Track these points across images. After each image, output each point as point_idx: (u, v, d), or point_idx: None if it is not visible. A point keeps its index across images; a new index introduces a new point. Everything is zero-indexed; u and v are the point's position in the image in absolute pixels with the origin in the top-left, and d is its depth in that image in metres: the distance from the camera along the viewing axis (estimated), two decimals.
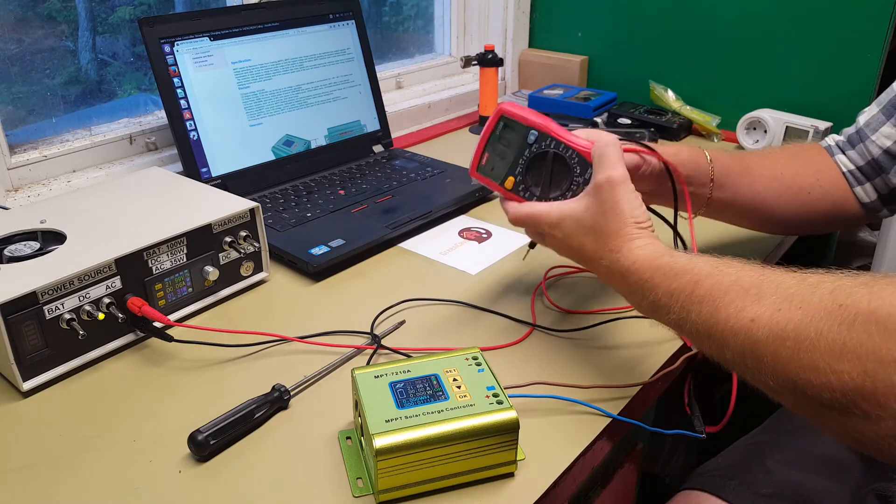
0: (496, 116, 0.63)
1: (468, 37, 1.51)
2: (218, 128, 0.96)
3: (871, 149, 0.76)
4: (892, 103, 0.75)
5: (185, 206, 0.76)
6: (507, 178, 0.63)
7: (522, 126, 0.62)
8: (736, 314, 0.48)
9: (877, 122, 0.76)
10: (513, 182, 0.63)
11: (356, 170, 1.06)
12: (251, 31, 0.99)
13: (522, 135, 0.62)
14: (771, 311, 0.46)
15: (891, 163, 0.75)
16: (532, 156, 0.62)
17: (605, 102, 1.33)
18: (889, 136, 0.75)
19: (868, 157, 0.77)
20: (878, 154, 0.76)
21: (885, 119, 0.76)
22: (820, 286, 0.45)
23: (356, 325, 0.71)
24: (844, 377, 0.40)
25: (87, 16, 1.00)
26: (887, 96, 0.77)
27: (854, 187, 0.79)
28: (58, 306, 0.61)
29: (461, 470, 0.51)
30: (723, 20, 1.26)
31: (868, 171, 0.78)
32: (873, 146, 0.76)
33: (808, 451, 0.70)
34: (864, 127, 0.78)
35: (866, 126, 0.78)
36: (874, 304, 0.41)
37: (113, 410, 0.60)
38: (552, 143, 0.61)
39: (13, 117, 0.94)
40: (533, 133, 0.61)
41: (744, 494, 0.65)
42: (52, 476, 0.53)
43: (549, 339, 0.70)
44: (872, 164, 0.77)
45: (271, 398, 0.59)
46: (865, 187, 0.78)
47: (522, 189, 0.64)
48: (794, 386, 0.43)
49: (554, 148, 0.61)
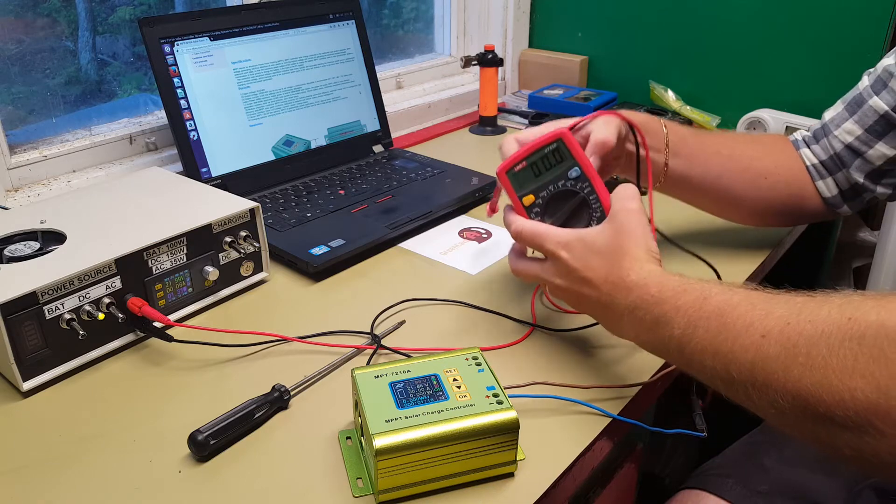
0: (555, 136, 0.63)
1: (468, 37, 1.51)
2: (218, 128, 0.96)
3: (834, 143, 0.78)
4: (855, 101, 0.77)
5: (185, 206, 0.76)
6: (529, 194, 0.63)
7: (572, 159, 0.63)
8: (746, 330, 0.47)
9: (840, 118, 0.78)
10: (531, 201, 0.63)
11: (356, 170, 1.06)
12: (251, 31, 0.99)
13: (568, 166, 0.63)
14: (781, 326, 0.45)
15: (852, 158, 0.76)
16: (564, 189, 0.63)
17: (605, 102, 1.33)
18: (850, 132, 0.76)
19: (831, 151, 0.78)
20: (840, 149, 0.77)
21: (847, 115, 0.77)
22: (828, 301, 0.44)
23: (356, 325, 0.71)
24: (857, 394, 0.39)
25: (87, 16, 1.00)
26: (851, 94, 0.78)
27: (816, 181, 0.80)
28: (58, 306, 0.61)
29: (461, 470, 0.51)
30: (723, 20, 1.26)
31: (830, 165, 0.79)
32: (836, 141, 0.77)
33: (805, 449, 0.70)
34: (829, 123, 0.79)
35: (830, 122, 0.79)
36: (883, 317, 0.40)
37: (113, 410, 0.60)
38: (587, 189, 0.62)
39: (13, 117, 0.94)
40: (577, 170, 0.62)
41: (741, 493, 0.65)
42: (52, 476, 0.53)
43: (549, 339, 0.70)
44: (835, 158, 0.78)
45: (271, 398, 0.59)
46: (827, 181, 0.79)
47: (537, 212, 0.64)
48: (805, 404, 0.42)
49: (587, 193, 0.62)
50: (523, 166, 0.63)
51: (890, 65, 0.73)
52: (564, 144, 0.63)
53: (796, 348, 0.43)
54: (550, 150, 0.63)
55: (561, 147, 0.63)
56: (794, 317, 0.45)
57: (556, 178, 0.63)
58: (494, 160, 1.17)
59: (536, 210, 0.64)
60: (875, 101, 0.74)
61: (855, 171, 0.76)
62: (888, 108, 0.72)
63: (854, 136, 0.76)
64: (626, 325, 0.57)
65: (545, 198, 0.63)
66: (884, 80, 0.73)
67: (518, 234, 0.64)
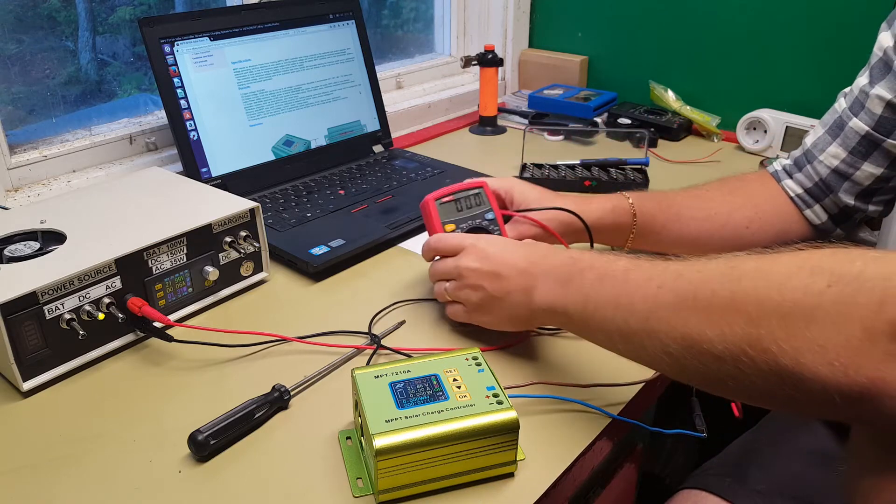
0: (478, 184, 0.75)
1: (468, 37, 1.51)
2: (218, 128, 0.96)
3: (819, 169, 0.77)
4: (836, 124, 0.77)
5: (185, 206, 0.76)
6: (450, 223, 0.73)
7: (489, 205, 0.75)
8: (646, 283, 0.51)
9: (823, 142, 0.78)
10: (452, 229, 0.72)
11: (356, 170, 1.06)
12: (251, 31, 0.99)
13: (485, 209, 0.74)
14: (675, 277, 0.50)
15: (839, 182, 0.76)
16: (479, 226, 0.73)
17: (605, 102, 1.33)
18: (835, 156, 0.76)
19: (816, 178, 0.78)
20: (826, 174, 0.77)
21: (830, 139, 0.77)
22: (717, 257, 0.49)
23: (356, 325, 0.71)
24: (735, 327, 0.44)
25: (87, 16, 1.00)
26: (831, 117, 0.78)
27: (804, 210, 0.80)
28: (58, 306, 0.61)
29: (461, 470, 0.51)
30: (723, 20, 1.26)
31: (816, 192, 0.79)
32: (821, 166, 0.77)
33: (802, 447, 0.70)
34: (812, 148, 0.79)
35: (813, 147, 0.79)
36: (760, 263, 0.45)
37: (113, 410, 0.60)
38: (497, 231, 0.74)
39: (13, 117, 0.94)
40: (491, 213, 0.74)
41: (740, 491, 0.65)
42: (52, 476, 0.53)
43: (548, 339, 0.70)
44: (820, 185, 0.78)
45: (271, 398, 0.59)
46: (815, 209, 0.79)
47: None
48: (692, 343, 0.46)
49: (496, 232, 0.74)
50: (450, 199, 0.73)
51: (864, 85, 0.74)
52: (484, 192, 0.75)
53: (685, 293, 0.48)
54: (473, 193, 0.74)
55: (482, 193, 0.74)
56: (686, 269, 0.50)
57: (475, 216, 0.74)
58: (495, 160, 1.18)
59: None
60: (855, 123, 0.74)
61: (844, 195, 0.76)
62: (868, 129, 0.73)
63: (839, 160, 0.76)
64: (538, 289, 0.60)
65: (463, 230, 0.72)
66: (861, 101, 0.74)
67: (437, 240, 0.69)
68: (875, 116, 0.72)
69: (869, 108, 0.73)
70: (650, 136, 1.22)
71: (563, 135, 1.29)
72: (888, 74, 0.71)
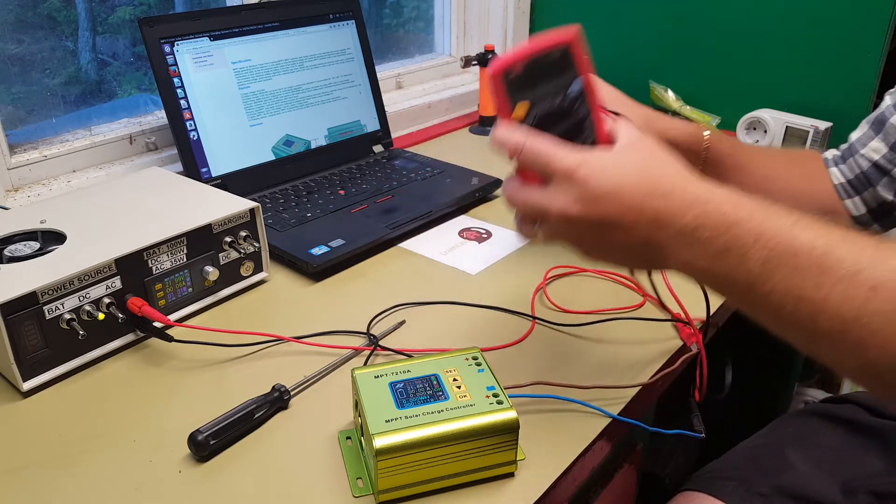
0: (565, 39, 0.51)
1: (468, 37, 1.51)
2: (218, 128, 0.96)
3: (861, 162, 0.79)
4: (878, 120, 0.78)
5: (185, 206, 0.76)
6: (521, 104, 0.50)
7: (575, 72, 0.51)
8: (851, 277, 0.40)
9: (866, 137, 0.79)
10: (525, 109, 0.50)
11: (356, 170, 1.06)
12: (251, 31, 0.99)
13: (569, 80, 0.51)
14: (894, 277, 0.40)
15: (879, 176, 0.77)
16: (558, 107, 0.51)
17: None
18: (877, 150, 0.77)
19: (857, 170, 0.79)
20: (867, 167, 0.78)
21: (873, 134, 0.78)
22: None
23: (356, 326, 0.71)
24: None
25: (87, 16, 1.00)
26: (875, 114, 0.79)
27: (844, 199, 0.80)
28: (58, 306, 0.61)
29: (461, 470, 0.51)
30: (723, 20, 1.26)
31: (857, 184, 0.79)
32: (863, 160, 0.78)
33: (809, 453, 0.70)
34: (855, 143, 0.80)
35: (857, 141, 0.80)
36: None
37: (113, 410, 0.60)
38: (584, 113, 0.51)
39: (13, 117, 0.94)
40: (578, 83, 0.51)
41: (742, 495, 0.65)
42: (51, 476, 0.53)
43: (549, 340, 0.70)
44: (861, 177, 0.79)
45: (271, 398, 0.59)
46: (855, 200, 0.80)
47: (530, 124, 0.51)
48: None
49: (582, 118, 0.51)
50: (520, 72, 0.50)
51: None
52: (571, 51, 0.51)
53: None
54: (556, 55, 0.51)
55: (567, 54, 0.51)
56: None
57: (555, 90, 0.51)
58: (495, 160, 1.18)
59: (530, 122, 0.51)
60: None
61: (882, 189, 0.77)
62: None
63: (880, 155, 0.77)
64: (679, 252, 0.47)
65: (538, 113, 0.51)
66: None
67: (517, 148, 0.50)
68: None
69: None
70: None
71: None
72: None
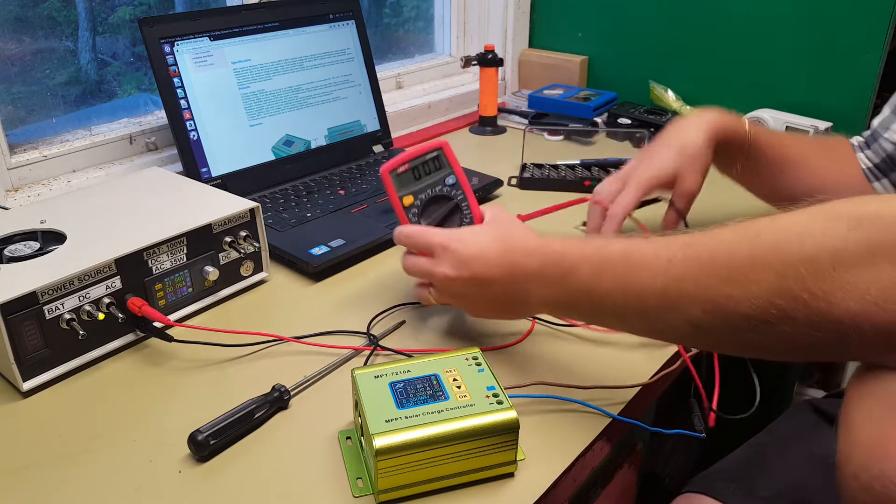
0: (436, 146, 0.68)
1: (468, 37, 1.51)
2: (218, 128, 0.96)
3: (885, 145, 0.81)
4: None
5: (185, 206, 0.76)
6: (409, 195, 0.67)
7: (449, 167, 0.68)
8: (652, 260, 0.50)
9: (888, 121, 0.81)
10: (410, 202, 0.67)
11: (356, 170, 1.06)
12: (251, 31, 0.99)
13: (445, 174, 0.68)
14: (684, 247, 0.49)
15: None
16: (439, 194, 0.67)
17: (605, 102, 1.33)
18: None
19: (882, 153, 0.81)
20: (892, 149, 0.80)
21: (895, 118, 0.80)
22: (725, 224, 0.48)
23: (356, 325, 0.71)
24: (762, 283, 0.44)
25: (87, 16, 1.00)
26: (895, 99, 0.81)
27: (873, 183, 0.83)
28: (58, 306, 0.61)
29: (461, 470, 0.51)
30: (723, 20, 1.26)
31: (884, 167, 0.82)
32: (887, 143, 0.80)
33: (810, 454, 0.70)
34: (878, 127, 0.82)
35: (879, 126, 0.82)
36: (774, 219, 0.46)
37: (113, 410, 0.60)
38: (461, 196, 0.68)
39: (13, 117, 0.94)
40: (453, 177, 0.67)
41: (744, 497, 0.65)
42: (51, 476, 0.53)
43: (549, 340, 0.70)
44: (887, 160, 0.81)
45: (271, 398, 0.59)
46: (883, 182, 0.82)
47: (414, 213, 0.67)
48: (718, 307, 0.46)
49: (460, 200, 0.68)
50: (405, 169, 0.66)
51: None
52: (444, 154, 0.68)
53: (702, 260, 0.47)
54: (431, 157, 0.67)
55: (441, 156, 0.67)
56: (694, 238, 0.49)
57: (434, 184, 0.67)
58: (495, 160, 1.18)
59: (414, 211, 0.67)
60: None
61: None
62: None
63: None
64: (531, 290, 0.58)
65: (423, 200, 0.67)
66: None
67: (404, 236, 0.65)
68: None
69: None
70: (650, 136, 1.22)
71: (563, 135, 1.29)
72: None
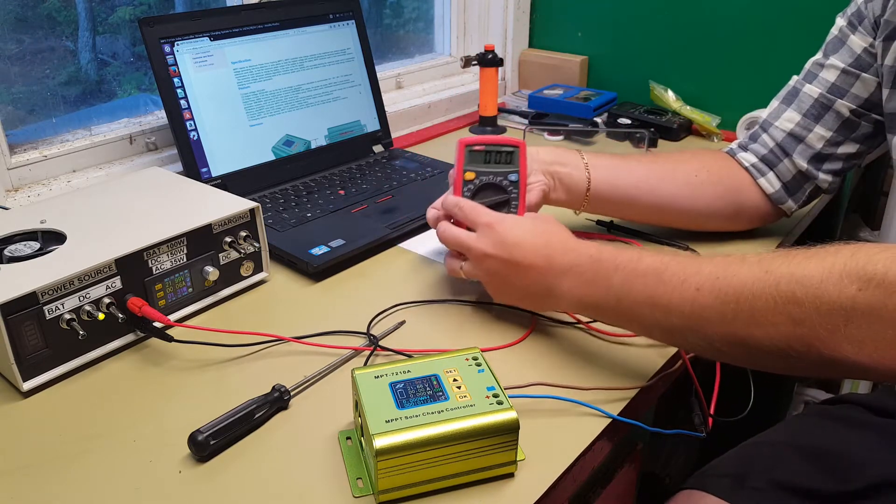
0: (517, 143, 0.73)
1: (468, 37, 1.51)
2: (218, 128, 0.96)
3: (775, 134, 0.83)
4: (790, 93, 0.83)
5: (185, 206, 0.76)
6: (472, 171, 0.72)
7: (517, 166, 0.73)
8: (681, 284, 0.55)
9: (778, 111, 0.83)
10: (471, 177, 0.72)
11: (356, 170, 1.06)
12: (251, 31, 0.99)
13: (511, 170, 0.73)
14: (712, 280, 0.54)
15: (794, 144, 0.82)
16: (498, 184, 0.73)
17: (605, 102, 1.33)
18: (790, 120, 0.82)
19: (771, 143, 0.83)
20: (782, 138, 0.82)
21: (785, 107, 0.83)
22: (746, 259, 0.54)
23: (356, 326, 0.71)
24: (780, 327, 0.50)
25: (87, 16, 1.00)
26: (784, 91, 0.84)
27: (758, 179, 0.84)
28: (58, 306, 0.61)
29: (461, 470, 0.51)
30: (723, 20, 1.26)
31: (771, 158, 0.83)
32: (777, 132, 0.83)
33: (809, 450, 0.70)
34: (767, 118, 0.84)
35: (769, 116, 0.84)
36: (792, 268, 0.51)
37: (113, 410, 0.60)
38: (515, 194, 0.73)
39: (13, 117, 0.94)
40: (516, 176, 0.72)
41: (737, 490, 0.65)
42: (51, 476, 0.53)
43: (549, 340, 0.70)
44: (776, 150, 0.83)
45: (271, 398, 0.59)
46: (769, 177, 0.84)
47: (470, 188, 0.73)
48: (738, 341, 0.53)
49: (512, 198, 0.73)
50: (481, 149, 0.72)
51: (818, 58, 0.82)
52: (518, 153, 0.73)
53: (727, 297, 0.53)
54: (507, 150, 0.72)
55: (515, 153, 0.73)
56: (721, 272, 0.54)
57: (498, 174, 0.72)
58: None
59: (469, 187, 0.73)
60: (808, 88, 0.81)
61: (798, 157, 0.81)
62: (821, 91, 0.80)
63: (794, 123, 0.81)
64: (563, 285, 0.63)
65: (482, 182, 0.72)
66: (814, 73, 0.82)
67: (457, 205, 0.70)
68: (827, 83, 0.80)
69: (822, 76, 0.81)
70: (650, 136, 1.22)
71: (563, 135, 1.29)
72: (842, 47, 0.80)
